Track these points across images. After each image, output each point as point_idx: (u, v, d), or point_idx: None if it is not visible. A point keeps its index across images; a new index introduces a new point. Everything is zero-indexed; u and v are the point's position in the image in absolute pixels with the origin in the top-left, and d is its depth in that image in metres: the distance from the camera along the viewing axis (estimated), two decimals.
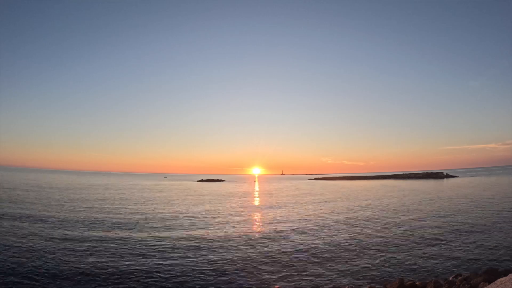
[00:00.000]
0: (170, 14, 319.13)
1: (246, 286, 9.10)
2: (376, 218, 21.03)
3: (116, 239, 14.31)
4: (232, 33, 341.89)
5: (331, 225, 18.57)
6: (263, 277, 9.78)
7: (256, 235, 16.03)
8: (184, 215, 22.78)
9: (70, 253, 11.93)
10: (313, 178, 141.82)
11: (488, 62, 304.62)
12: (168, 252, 12.32)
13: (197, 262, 11.18)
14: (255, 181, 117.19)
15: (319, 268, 10.60)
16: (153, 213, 23.56)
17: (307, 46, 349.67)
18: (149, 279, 9.42)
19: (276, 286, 9.06)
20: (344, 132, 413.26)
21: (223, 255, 12.03)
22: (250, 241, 14.46)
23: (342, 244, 13.85)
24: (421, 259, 11.56)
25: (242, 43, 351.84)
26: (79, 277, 9.45)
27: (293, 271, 10.33)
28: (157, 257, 11.68)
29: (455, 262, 11.15)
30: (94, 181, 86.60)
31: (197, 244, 13.70)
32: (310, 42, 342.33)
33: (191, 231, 16.67)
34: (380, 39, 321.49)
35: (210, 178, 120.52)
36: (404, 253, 12.30)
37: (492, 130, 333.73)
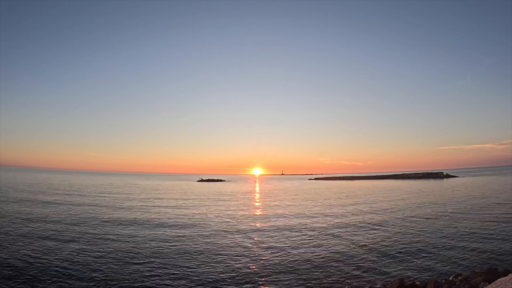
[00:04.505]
0: (170, 14, 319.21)
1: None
2: (378, 219, 21.10)
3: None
4: (232, 33, 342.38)
5: (334, 226, 18.63)
6: (265, 279, 9.84)
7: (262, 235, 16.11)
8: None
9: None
10: (313, 178, 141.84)
11: (487, 62, 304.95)
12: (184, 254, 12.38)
13: (207, 265, 11.23)
14: (255, 181, 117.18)
15: (319, 269, 10.65)
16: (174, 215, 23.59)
17: (306, 47, 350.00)
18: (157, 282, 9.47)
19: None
20: (341, 132, 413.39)
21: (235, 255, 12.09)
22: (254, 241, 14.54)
23: (342, 245, 13.92)
24: (421, 259, 11.61)
25: (242, 43, 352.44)
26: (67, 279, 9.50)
27: (294, 271, 10.40)
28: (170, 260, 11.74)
29: (455, 262, 11.20)
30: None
31: (208, 247, 13.76)
32: (309, 42, 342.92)
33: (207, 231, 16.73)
34: (379, 39, 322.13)
35: (210, 178, 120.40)
36: (404, 253, 12.35)
37: (490, 130, 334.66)
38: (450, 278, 9.10)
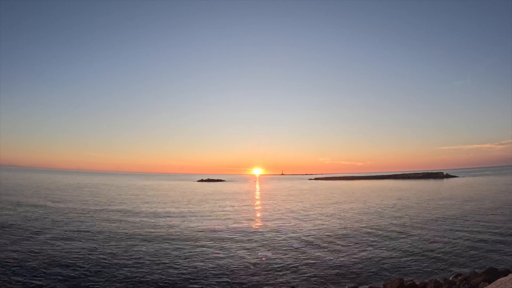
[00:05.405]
0: (170, 14, 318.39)
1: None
2: (378, 219, 21.12)
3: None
4: (232, 33, 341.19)
5: (334, 227, 18.65)
6: (264, 279, 9.87)
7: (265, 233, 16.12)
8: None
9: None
10: (313, 178, 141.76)
11: (487, 62, 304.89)
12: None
13: (210, 263, 11.26)
14: (255, 181, 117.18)
15: (319, 268, 10.66)
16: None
17: (306, 47, 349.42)
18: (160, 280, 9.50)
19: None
20: (341, 132, 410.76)
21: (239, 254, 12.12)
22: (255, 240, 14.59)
23: (342, 244, 13.93)
24: (421, 259, 11.61)
25: (242, 43, 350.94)
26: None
27: (294, 271, 10.41)
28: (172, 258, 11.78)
29: (455, 262, 11.22)
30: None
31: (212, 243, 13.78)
32: (309, 42, 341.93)
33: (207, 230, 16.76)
34: (379, 39, 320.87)
35: (210, 178, 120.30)
36: (404, 253, 12.37)
37: (489, 130, 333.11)
38: (450, 278, 9.13)
